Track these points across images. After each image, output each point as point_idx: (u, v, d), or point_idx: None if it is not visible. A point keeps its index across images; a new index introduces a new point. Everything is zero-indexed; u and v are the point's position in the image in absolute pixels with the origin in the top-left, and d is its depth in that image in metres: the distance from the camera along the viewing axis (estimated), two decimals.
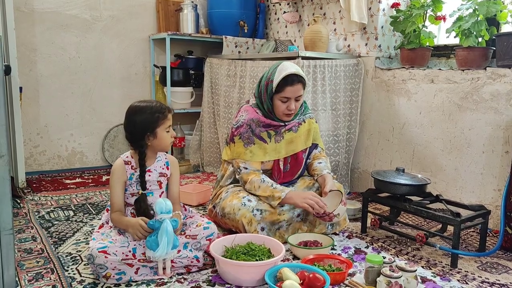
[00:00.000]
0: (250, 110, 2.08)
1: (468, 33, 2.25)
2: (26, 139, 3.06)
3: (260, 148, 2.03)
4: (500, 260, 1.86)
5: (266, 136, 2.04)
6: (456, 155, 2.35)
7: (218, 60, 3.25)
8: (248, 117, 2.05)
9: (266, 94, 2.01)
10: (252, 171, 2.01)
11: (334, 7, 3.01)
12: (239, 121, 2.06)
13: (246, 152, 2.02)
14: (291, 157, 2.10)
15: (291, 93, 1.96)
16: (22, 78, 2.91)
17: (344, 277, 1.59)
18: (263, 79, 2.05)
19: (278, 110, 2.00)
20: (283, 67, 1.97)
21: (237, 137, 2.04)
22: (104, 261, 1.49)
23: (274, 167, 2.07)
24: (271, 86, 1.97)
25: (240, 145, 2.03)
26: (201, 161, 3.44)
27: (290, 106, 1.97)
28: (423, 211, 1.88)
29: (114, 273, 1.51)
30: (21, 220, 2.17)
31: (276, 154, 2.06)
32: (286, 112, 1.99)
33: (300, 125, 2.12)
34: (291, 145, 2.08)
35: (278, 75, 1.95)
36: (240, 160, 2.03)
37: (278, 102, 1.99)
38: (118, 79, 3.40)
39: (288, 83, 1.94)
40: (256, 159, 2.02)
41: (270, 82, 1.98)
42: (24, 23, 2.99)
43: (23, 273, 1.60)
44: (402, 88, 2.60)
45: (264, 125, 2.04)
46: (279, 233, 1.94)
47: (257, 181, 1.97)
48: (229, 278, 1.55)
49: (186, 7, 3.41)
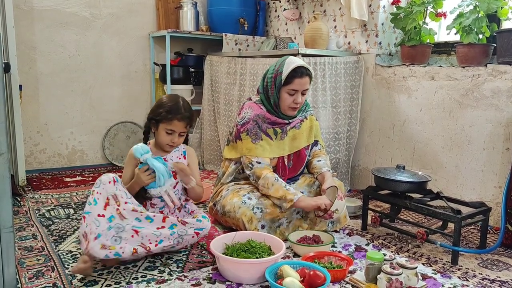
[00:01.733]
0: (254, 106, 2.08)
1: (468, 30, 2.24)
2: (26, 137, 3.06)
3: (267, 143, 2.03)
4: (500, 257, 1.86)
5: (272, 133, 2.04)
6: (456, 152, 2.35)
7: (218, 57, 3.25)
8: (254, 113, 2.05)
9: (274, 86, 2.01)
10: (266, 166, 2.00)
11: (334, 4, 3.00)
12: (245, 118, 2.05)
13: (256, 147, 2.00)
14: (293, 154, 2.10)
15: (300, 86, 1.97)
16: (22, 76, 2.91)
17: (345, 274, 1.59)
18: (270, 72, 2.05)
19: (284, 104, 2.01)
20: (291, 60, 1.99)
21: (244, 133, 2.02)
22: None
23: (279, 164, 2.07)
24: (280, 78, 1.98)
25: (248, 141, 2.01)
26: (201, 159, 3.44)
27: (297, 99, 1.98)
28: (424, 208, 1.88)
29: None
30: (21, 218, 2.17)
31: (281, 151, 2.06)
32: (292, 105, 2.00)
33: (303, 122, 2.13)
34: (295, 142, 2.09)
35: (287, 67, 1.97)
36: (251, 155, 2.01)
37: (285, 95, 1.99)
38: (118, 77, 3.39)
39: (298, 75, 1.96)
40: (266, 154, 2.02)
41: (279, 74, 1.99)
42: (23, 21, 2.98)
43: (23, 271, 1.61)
44: (402, 85, 2.59)
45: (270, 122, 2.05)
46: (279, 230, 1.95)
47: (271, 178, 1.95)
48: (230, 275, 1.55)
49: (186, 4, 3.40)
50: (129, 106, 3.48)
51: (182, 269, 1.65)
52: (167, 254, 1.77)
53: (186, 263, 1.70)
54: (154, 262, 1.70)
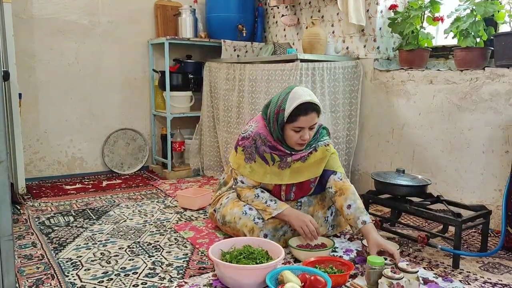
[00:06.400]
0: (261, 123, 1.92)
1: (466, 34, 2.25)
2: (26, 145, 3.06)
3: (261, 166, 1.90)
4: (502, 260, 1.85)
5: (269, 158, 1.89)
6: (456, 156, 2.35)
7: (217, 64, 3.26)
8: (256, 130, 1.90)
9: (276, 123, 1.83)
10: (247, 187, 1.93)
11: (332, 10, 3.02)
12: (247, 131, 1.92)
13: (245, 167, 1.90)
14: (296, 185, 1.95)
15: (305, 123, 1.78)
16: (21, 84, 2.92)
17: (346, 279, 1.59)
18: (273, 104, 1.86)
19: (291, 140, 1.83)
20: (295, 95, 1.78)
21: (241, 148, 1.92)
22: None
23: (275, 191, 1.96)
24: (282, 116, 1.79)
25: (241, 157, 1.91)
26: (201, 165, 3.44)
27: (304, 136, 1.80)
28: (424, 212, 1.88)
29: None
30: (21, 227, 2.17)
31: (279, 180, 1.91)
32: (299, 142, 1.82)
33: (311, 154, 1.92)
34: (296, 175, 1.92)
35: (290, 104, 1.77)
36: (238, 172, 1.93)
37: (290, 132, 1.81)
38: (117, 84, 3.40)
39: (302, 113, 1.76)
40: (255, 177, 1.90)
41: (282, 111, 1.79)
42: (23, 29, 3.00)
43: (23, 279, 1.60)
44: (401, 89, 2.60)
45: (271, 146, 1.88)
46: (283, 239, 1.90)
47: (251, 196, 1.90)
48: (230, 282, 1.54)
49: (184, 11, 3.42)
50: (128, 113, 3.48)
51: (183, 275, 1.64)
52: (168, 261, 1.77)
53: (186, 270, 1.69)
54: (155, 269, 1.70)
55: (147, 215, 2.37)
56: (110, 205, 2.55)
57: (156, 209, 2.50)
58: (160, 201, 2.67)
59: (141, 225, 2.21)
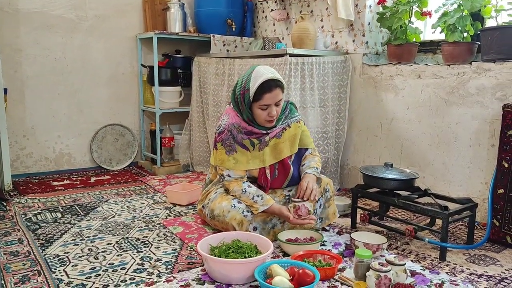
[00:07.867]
0: (231, 113, 1.98)
1: (453, 28, 2.27)
2: (12, 141, 3.02)
3: (243, 154, 1.93)
4: (487, 252, 1.88)
5: (249, 144, 1.94)
6: (443, 150, 2.37)
7: (206, 58, 3.24)
8: (229, 121, 1.94)
9: (244, 104, 1.89)
10: (234, 180, 1.94)
11: (321, 5, 3.01)
12: (221, 126, 1.96)
13: (229, 159, 1.92)
14: (278, 164, 1.99)
15: (271, 100, 1.85)
16: (6, 79, 2.87)
17: (334, 272, 1.60)
18: (238, 86, 1.92)
19: (260, 118, 1.90)
20: (258, 73, 1.85)
21: (219, 143, 1.94)
22: None
23: (260, 175, 1.98)
24: (248, 95, 1.86)
25: (222, 152, 1.93)
26: (190, 160, 3.43)
27: (271, 112, 1.87)
28: (412, 205, 1.89)
29: None
30: (7, 223, 2.14)
31: (261, 163, 1.96)
32: (268, 119, 1.89)
33: (285, 130, 2.00)
34: (275, 152, 1.98)
35: (254, 83, 1.83)
36: (223, 167, 1.94)
37: (258, 111, 1.88)
38: (105, 79, 3.37)
39: (266, 90, 1.83)
40: (240, 167, 1.93)
41: (246, 91, 1.86)
42: (8, 23, 2.95)
43: (9, 275, 1.58)
44: (389, 84, 2.61)
45: (246, 132, 1.94)
46: (273, 231, 1.92)
47: (238, 191, 1.91)
48: (218, 276, 1.54)
49: (173, 6, 3.39)
50: (116, 108, 3.45)
51: (171, 270, 1.64)
52: (156, 256, 1.76)
53: (175, 265, 1.69)
54: (143, 264, 1.69)
55: (136, 211, 2.36)
56: (98, 201, 2.53)
57: (145, 204, 2.48)
58: (149, 196, 2.66)
59: (130, 220, 2.20)
